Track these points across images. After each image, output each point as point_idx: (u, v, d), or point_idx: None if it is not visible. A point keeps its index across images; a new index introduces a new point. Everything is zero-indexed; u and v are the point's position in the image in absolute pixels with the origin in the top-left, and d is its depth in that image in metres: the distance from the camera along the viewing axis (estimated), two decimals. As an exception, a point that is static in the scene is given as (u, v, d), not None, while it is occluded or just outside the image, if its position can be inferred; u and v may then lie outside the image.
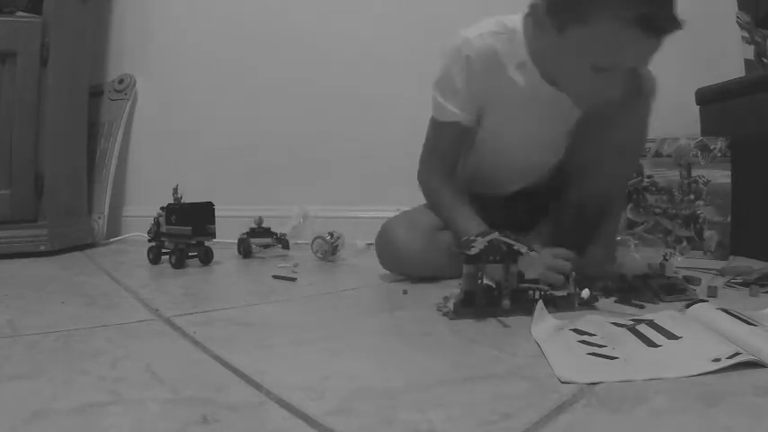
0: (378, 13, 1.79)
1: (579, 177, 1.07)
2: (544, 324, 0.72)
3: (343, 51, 1.81)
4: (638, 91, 0.95)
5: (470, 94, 1.00)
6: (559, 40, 0.86)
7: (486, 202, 1.13)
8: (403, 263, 1.09)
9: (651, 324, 0.67)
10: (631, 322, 0.69)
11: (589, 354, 0.60)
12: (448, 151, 1.08)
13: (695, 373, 0.54)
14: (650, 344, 0.61)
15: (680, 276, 1.01)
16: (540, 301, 0.77)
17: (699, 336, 0.62)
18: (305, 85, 1.85)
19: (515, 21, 0.97)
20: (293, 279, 1.13)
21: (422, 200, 1.28)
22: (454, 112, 1.01)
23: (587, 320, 0.72)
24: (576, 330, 0.69)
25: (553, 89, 0.97)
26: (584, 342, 0.64)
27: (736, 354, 0.55)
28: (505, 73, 0.97)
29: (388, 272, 1.19)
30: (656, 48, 0.83)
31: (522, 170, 1.14)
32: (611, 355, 0.60)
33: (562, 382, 0.53)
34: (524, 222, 1.18)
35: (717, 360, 0.55)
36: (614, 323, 0.70)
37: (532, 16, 0.92)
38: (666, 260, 1.05)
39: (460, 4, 1.56)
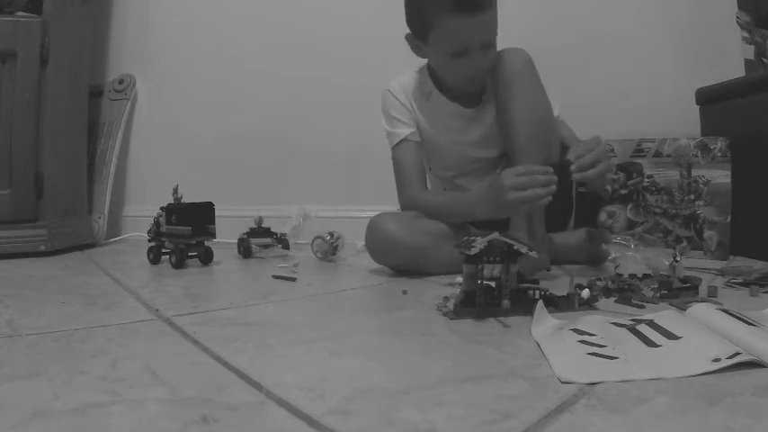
0: (380, 13, 1.79)
1: (510, 157, 1.21)
2: (544, 324, 0.72)
3: (345, 51, 1.81)
4: (503, 63, 1.16)
5: (403, 116, 1.27)
6: (429, 49, 1.17)
7: None
8: (388, 246, 1.15)
9: (651, 324, 0.67)
10: (631, 322, 0.69)
11: (589, 354, 0.60)
12: (413, 169, 1.26)
13: (695, 372, 0.54)
14: (650, 344, 0.61)
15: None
16: (540, 301, 0.77)
17: (699, 336, 0.62)
18: (305, 84, 1.85)
19: (424, 65, 1.28)
20: (293, 279, 1.13)
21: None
22: (400, 132, 1.26)
23: (587, 320, 0.72)
24: (575, 330, 0.69)
25: (456, 104, 1.25)
26: (584, 342, 0.64)
27: (737, 354, 0.55)
28: (420, 100, 1.27)
29: (387, 271, 1.19)
30: (485, 23, 1.08)
31: (466, 163, 1.32)
32: (611, 355, 0.60)
33: (562, 382, 0.53)
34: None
35: (717, 360, 0.55)
36: (614, 323, 0.70)
37: (410, 45, 1.20)
38: (677, 261, 1.05)
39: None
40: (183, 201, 1.37)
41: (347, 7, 1.81)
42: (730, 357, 0.55)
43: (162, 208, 1.36)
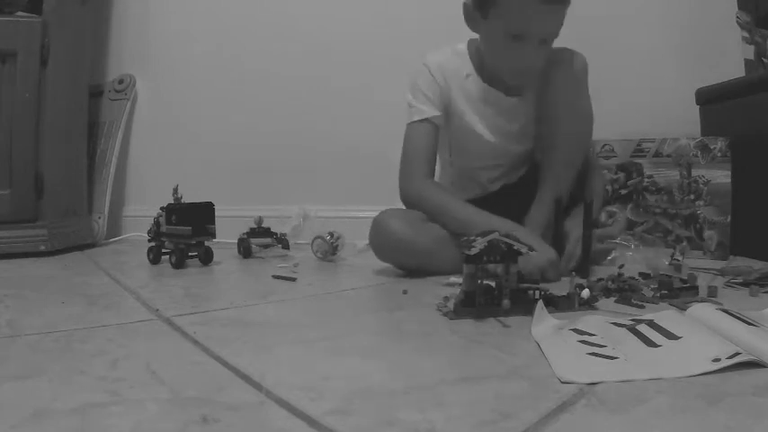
0: (382, 13, 1.79)
1: (546, 155, 1.21)
2: (544, 324, 0.72)
3: (345, 51, 1.81)
4: (562, 62, 1.16)
5: (434, 96, 1.21)
6: (485, 24, 1.11)
7: (479, 204, 1.19)
8: (396, 249, 1.14)
9: (651, 324, 0.67)
10: (631, 322, 0.69)
11: (589, 354, 0.60)
12: (424, 152, 1.21)
13: (695, 372, 0.54)
14: (650, 344, 0.61)
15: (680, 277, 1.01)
16: (541, 301, 0.77)
17: (699, 336, 0.62)
18: (305, 84, 1.85)
19: (462, 45, 1.25)
20: (293, 279, 1.13)
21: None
22: (424, 110, 1.21)
23: (587, 320, 0.72)
24: (575, 330, 0.69)
25: (494, 90, 1.21)
26: (584, 342, 0.64)
27: (736, 354, 0.55)
28: (457, 81, 1.22)
29: (387, 271, 1.19)
30: (554, 15, 1.06)
31: (493, 156, 1.29)
32: (611, 354, 0.60)
33: (562, 383, 0.53)
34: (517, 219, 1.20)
35: (717, 360, 0.55)
36: (614, 323, 0.70)
37: (465, 14, 1.15)
38: (680, 261, 1.05)
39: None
40: (183, 201, 1.37)
41: (348, 7, 1.81)
42: (730, 357, 0.55)
43: (162, 208, 1.36)
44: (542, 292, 0.83)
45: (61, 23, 1.65)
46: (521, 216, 1.19)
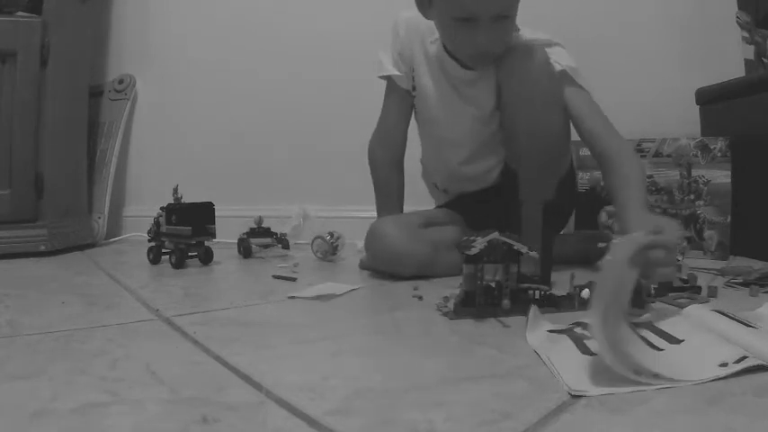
0: (382, 13, 1.79)
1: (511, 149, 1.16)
2: (539, 331, 0.70)
3: (345, 51, 1.80)
4: (524, 52, 1.06)
5: (399, 52, 1.19)
6: (434, 11, 1.06)
7: (466, 204, 1.23)
8: (392, 257, 1.12)
9: (651, 327, 0.67)
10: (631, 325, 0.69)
11: (592, 362, 0.59)
12: (392, 120, 1.24)
13: (706, 378, 0.52)
14: (652, 347, 0.61)
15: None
16: (535, 306, 0.75)
17: (701, 339, 0.61)
18: (305, 84, 1.85)
19: None
20: (293, 279, 1.13)
21: (416, 202, 1.30)
22: (388, 67, 1.20)
23: (587, 324, 0.71)
24: (574, 336, 0.67)
25: (451, 60, 1.13)
26: (585, 351, 0.62)
27: (743, 358, 0.55)
28: (423, 42, 1.17)
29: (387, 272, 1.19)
30: None
31: (452, 129, 1.21)
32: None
33: (572, 396, 0.50)
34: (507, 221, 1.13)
35: (724, 365, 0.54)
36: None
37: (416, 3, 1.09)
38: (679, 261, 1.05)
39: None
40: (183, 201, 1.37)
41: (348, 7, 1.81)
42: (737, 362, 0.54)
43: (162, 208, 1.36)
44: (542, 292, 0.82)
45: (61, 23, 1.65)
46: (497, 222, 1.06)
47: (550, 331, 0.69)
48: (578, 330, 0.68)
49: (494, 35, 1.01)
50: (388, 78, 1.22)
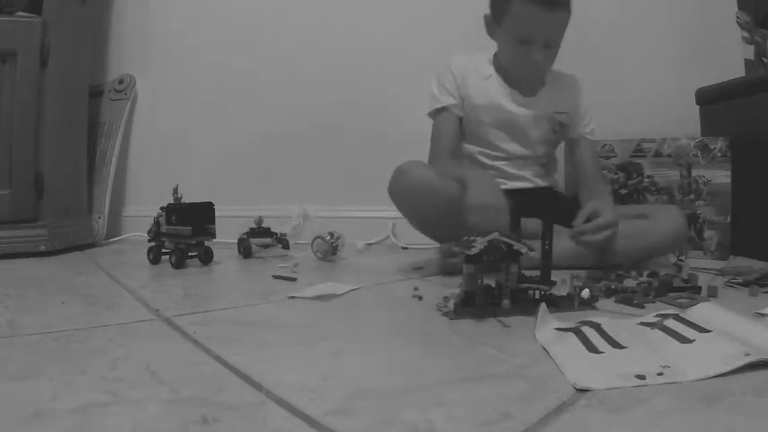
0: (380, 12, 1.79)
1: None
2: (548, 327, 0.71)
3: (345, 51, 1.81)
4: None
5: (454, 89, 1.33)
6: (500, 30, 1.25)
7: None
8: (418, 194, 1.14)
9: (662, 327, 0.67)
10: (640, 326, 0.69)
11: (598, 360, 0.59)
12: (446, 137, 1.31)
13: (711, 374, 0.53)
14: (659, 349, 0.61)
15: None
16: (543, 304, 0.76)
17: (709, 338, 0.62)
18: (305, 84, 1.85)
19: (483, 53, 1.37)
20: (293, 279, 1.13)
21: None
22: (442, 100, 1.32)
23: (590, 324, 0.71)
24: (580, 334, 0.68)
25: (511, 89, 1.32)
26: (591, 349, 0.63)
27: (748, 354, 0.55)
28: (475, 79, 1.33)
29: (387, 271, 1.19)
30: (556, 20, 1.18)
31: (507, 145, 1.35)
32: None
33: (577, 390, 0.51)
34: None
35: (748, 354, 0.55)
36: (621, 325, 0.69)
37: (486, 24, 1.27)
38: (682, 261, 1.05)
39: (461, 4, 1.56)
40: (183, 201, 1.37)
41: (348, 9, 1.81)
42: (745, 356, 0.55)
43: (162, 208, 1.36)
44: (542, 292, 0.82)
45: (61, 23, 1.65)
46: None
47: (558, 329, 0.70)
48: (585, 329, 0.69)
49: (542, 57, 1.22)
50: (442, 109, 1.32)
